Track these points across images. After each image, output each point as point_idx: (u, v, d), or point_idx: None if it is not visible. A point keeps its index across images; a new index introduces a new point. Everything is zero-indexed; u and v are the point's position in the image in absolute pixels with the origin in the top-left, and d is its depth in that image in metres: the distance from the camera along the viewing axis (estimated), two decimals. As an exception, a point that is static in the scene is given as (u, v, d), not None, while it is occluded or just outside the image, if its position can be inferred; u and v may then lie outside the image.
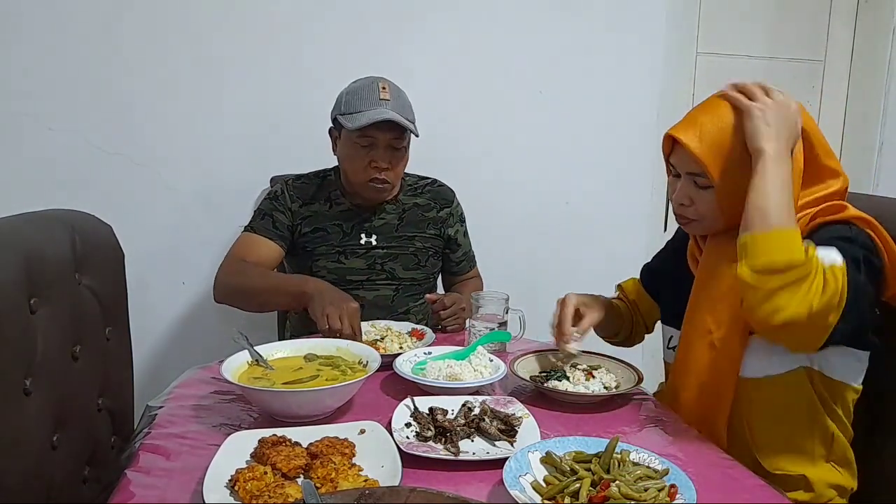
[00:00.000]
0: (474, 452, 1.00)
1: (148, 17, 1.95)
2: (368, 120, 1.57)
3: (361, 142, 1.61)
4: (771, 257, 1.01)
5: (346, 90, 1.67)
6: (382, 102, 1.60)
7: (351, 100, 1.63)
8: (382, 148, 1.62)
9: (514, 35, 2.22)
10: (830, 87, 2.57)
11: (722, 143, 1.12)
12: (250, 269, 1.62)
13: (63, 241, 1.18)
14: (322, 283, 1.52)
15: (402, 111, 1.62)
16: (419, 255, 1.76)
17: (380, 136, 1.61)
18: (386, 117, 1.57)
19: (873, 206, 1.29)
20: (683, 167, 1.18)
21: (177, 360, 2.05)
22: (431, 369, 1.25)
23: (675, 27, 2.36)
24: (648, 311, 1.48)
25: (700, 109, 1.19)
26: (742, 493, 0.94)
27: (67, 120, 1.94)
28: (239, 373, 1.17)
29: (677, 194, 1.21)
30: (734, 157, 1.12)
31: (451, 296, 1.64)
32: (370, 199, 1.71)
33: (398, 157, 1.66)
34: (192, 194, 2.06)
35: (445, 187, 1.86)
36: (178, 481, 0.92)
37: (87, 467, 1.19)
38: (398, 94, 1.65)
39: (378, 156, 1.62)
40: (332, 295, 1.45)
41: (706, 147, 1.13)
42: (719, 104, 1.15)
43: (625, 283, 1.53)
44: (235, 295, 1.63)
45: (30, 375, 0.99)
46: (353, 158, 1.64)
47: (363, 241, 1.72)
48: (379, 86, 1.62)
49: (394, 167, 1.66)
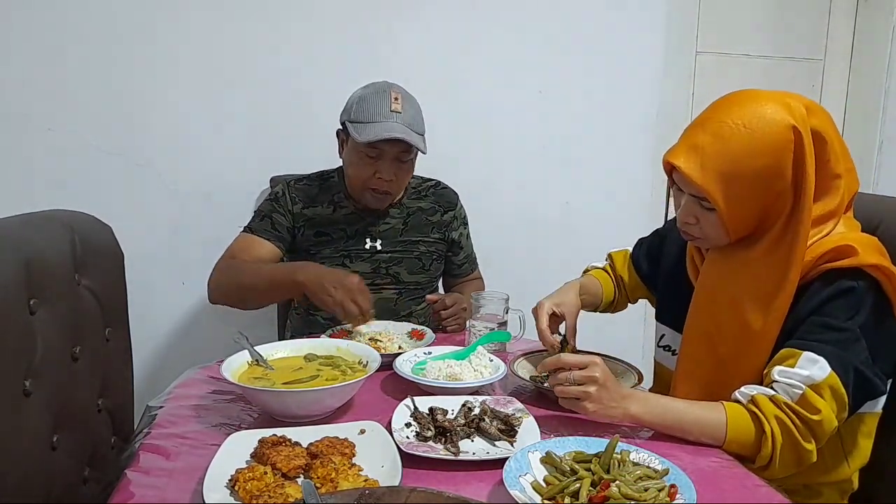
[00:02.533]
0: (474, 452, 1.00)
1: (148, 17, 1.95)
2: (377, 136, 1.54)
3: (368, 152, 1.59)
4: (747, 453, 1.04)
5: (358, 96, 1.64)
6: (393, 115, 1.57)
7: (361, 108, 1.60)
8: (388, 161, 1.60)
9: (514, 34, 2.21)
10: (830, 85, 2.57)
11: (725, 169, 1.05)
12: (242, 265, 1.60)
13: (63, 242, 1.18)
14: (313, 267, 1.49)
15: (413, 124, 1.60)
16: (423, 259, 1.76)
17: (387, 149, 1.59)
18: (395, 135, 1.54)
19: (873, 205, 1.29)
20: (686, 189, 1.12)
21: (177, 360, 2.05)
22: (431, 369, 1.25)
23: (675, 26, 2.36)
24: (633, 288, 1.49)
25: (700, 127, 1.09)
26: (742, 493, 0.93)
27: (67, 120, 1.94)
28: (239, 373, 1.17)
29: (682, 213, 1.15)
30: (739, 181, 1.06)
31: (452, 296, 1.63)
32: (370, 205, 1.70)
33: (404, 170, 1.65)
34: (192, 194, 2.06)
35: (449, 190, 1.85)
36: (178, 481, 0.92)
37: (87, 467, 1.18)
38: (410, 104, 1.62)
39: (383, 168, 1.60)
40: (330, 278, 1.43)
41: (709, 175, 1.06)
42: (722, 122, 1.06)
43: (615, 254, 1.53)
44: (230, 294, 1.60)
45: (30, 376, 0.99)
46: (357, 166, 1.63)
47: (368, 245, 1.71)
48: (391, 95, 1.59)
49: (398, 178, 1.64)
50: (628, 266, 1.50)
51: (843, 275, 1.06)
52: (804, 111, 1.07)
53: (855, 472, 1.15)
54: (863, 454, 1.15)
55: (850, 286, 1.04)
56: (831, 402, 1.01)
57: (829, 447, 1.10)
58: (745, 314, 1.12)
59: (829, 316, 1.04)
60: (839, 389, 1.00)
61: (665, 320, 1.35)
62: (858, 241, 1.07)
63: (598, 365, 1.07)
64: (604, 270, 1.53)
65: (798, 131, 1.05)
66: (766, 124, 1.05)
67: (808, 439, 1.01)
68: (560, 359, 1.09)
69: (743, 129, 1.05)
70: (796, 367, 1.02)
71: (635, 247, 1.51)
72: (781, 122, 1.05)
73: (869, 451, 1.15)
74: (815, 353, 1.01)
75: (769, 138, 1.04)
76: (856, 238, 1.09)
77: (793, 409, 1.01)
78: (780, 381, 1.03)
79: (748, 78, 2.46)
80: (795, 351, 1.04)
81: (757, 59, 2.49)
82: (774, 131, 1.04)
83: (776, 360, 1.06)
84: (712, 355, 1.17)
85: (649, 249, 1.47)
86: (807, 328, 1.06)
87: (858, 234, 1.12)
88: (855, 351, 1.03)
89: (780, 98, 1.08)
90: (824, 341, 1.03)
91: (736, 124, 1.05)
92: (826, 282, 1.07)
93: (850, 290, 1.04)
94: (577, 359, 1.08)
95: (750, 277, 1.12)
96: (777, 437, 1.00)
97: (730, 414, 1.04)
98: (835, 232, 1.11)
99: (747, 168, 1.05)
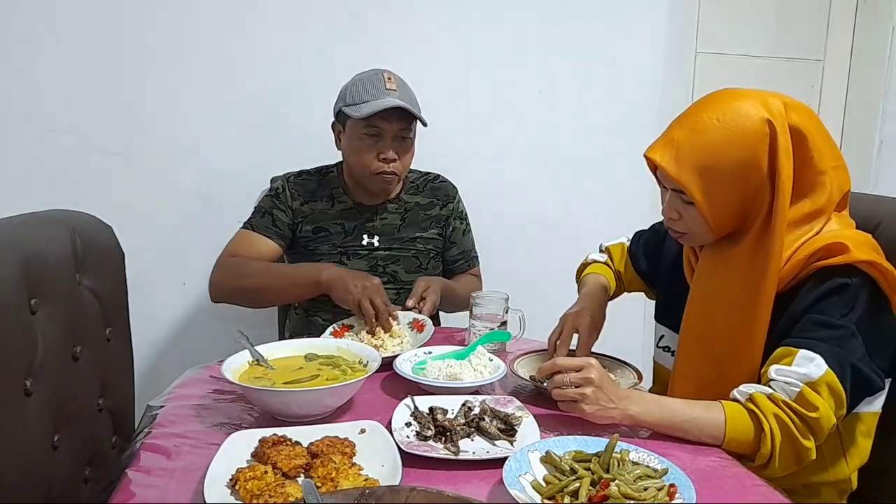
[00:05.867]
0: (474, 452, 1.00)
1: (148, 17, 1.95)
2: (375, 108, 1.54)
3: (368, 132, 1.59)
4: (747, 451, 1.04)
5: (351, 82, 1.65)
6: (389, 92, 1.57)
7: (356, 90, 1.60)
8: (390, 138, 1.60)
9: (514, 35, 2.21)
10: (830, 86, 2.57)
11: (701, 162, 1.08)
12: (250, 264, 1.61)
13: (63, 242, 1.18)
14: (335, 268, 1.53)
15: (409, 100, 1.60)
16: (420, 257, 1.76)
17: (387, 126, 1.58)
18: (394, 104, 1.54)
19: (872, 205, 1.29)
20: (666, 183, 1.15)
21: (177, 360, 2.05)
22: (431, 369, 1.25)
23: (675, 26, 2.36)
24: (630, 282, 1.51)
25: (678, 123, 1.14)
26: (742, 493, 0.94)
27: (67, 120, 1.94)
28: (239, 372, 1.17)
29: (666, 208, 1.18)
30: (714, 174, 1.08)
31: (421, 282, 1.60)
32: (376, 192, 1.69)
33: (405, 148, 1.64)
34: (192, 194, 2.06)
35: (447, 183, 1.84)
36: (179, 481, 0.92)
37: (87, 467, 1.19)
38: (403, 84, 1.63)
39: (385, 146, 1.60)
40: (352, 279, 1.46)
41: (683, 168, 1.09)
42: (697, 117, 1.10)
43: (612, 248, 1.54)
44: (235, 293, 1.61)
45: (30, 375, 0.99)
46: (359, 150, 1.61)
47: (365, 241, 1.71)
48: (384, 76, 1.60)
49: (401, 158, 1.63)
50: (626, 262, 1.51)
51: (835, 272, 1.06)
52: (782, 108, 1.08)
53: (854, 471, 1.16)
54: (862, 453, 1.15)
55: (843, 283, 1.05)
56: (829, 400, 1.01)
57: (828, 446, 1.10)
58: (735, 313, 1.13)
59: (823, 313, 1.05)
60: (836, 386, 1.01)
61: (664, 320, 1.36)
62: (850, 238, 1.07)
63: (594, 366, 1.07)
64: (605, 265, 1.53)
65: (773, 125, 1.06)
66: (741, 117, 1.07)
67: (806, 437, 1.01)
68: (556, 362, 1.09)
69: (717, 123, 1.08)
70: (793, 366, 1.02)
71: (633, 241, 1.52)
72: (756, 115, 1.07)
73: (868, 451, 1.15)
74: (812, 351, 1.02)
75: (742, 130, 1.07)
76: (848, 235, 1.09)
77: (791, 406, 1.01)
78: (778, 380, 1.03)
79: (748, 78, 2.46)
80: (791, 349, 1.04)
81: (757, 60, 2.49)
82: (748, 124, 1.07)
83: (773, 358, 1.07)
84: (708, 356, 1.18)
85: (646, 245, 1.47)
86: (802, 326, 1.06)
87: (851, 232, 1.12)
88: (851, 347, 1.03)
89: (757, 95, 1.10)
90: (820, 339, 1.03)
91: (711, 118, 1.09)
92: (819, 280, 1.07)
93: (843, 287, 1.05)
94: (572, 361, 1.09)
95: (738, 276, 1.13)
96: (776, 435, 1.01)
97: (728, 413, 1.04)
98: (827, 230, 1.11)
99: (722, 160, 1.07)
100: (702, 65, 2.45)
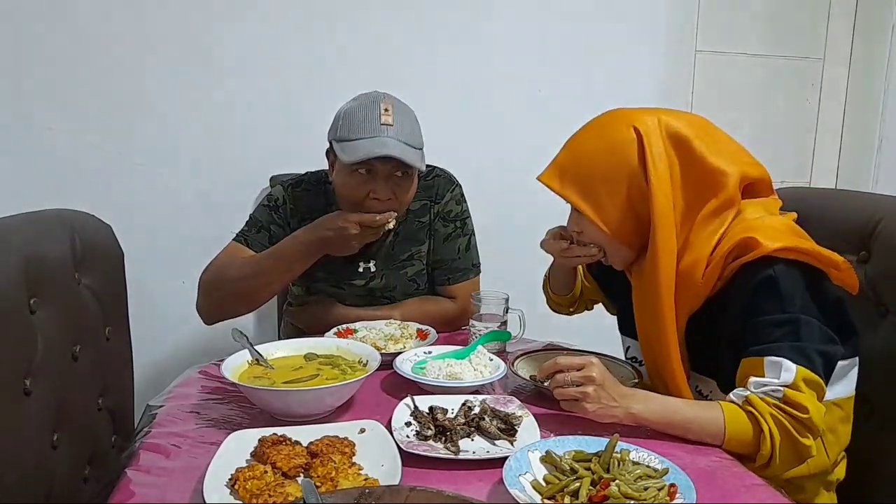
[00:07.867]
0: (474, 451, 1.00)
1: (148, 17, 1.95)
2: (365, 155, 1.37)
3: (360, 169, 1.42)
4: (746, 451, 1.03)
5: (344, 110, 1.46)
6: (384, 129, 1.39)
7: (348, 124, 1.42)
8: (382, 179, 1.43)
9: (513, 33, 2.21)
10: (830, 84, 2.57)
11: (577, 171, 1.18)
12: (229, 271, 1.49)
13: (63, 241, 1.18)
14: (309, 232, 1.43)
15: (408, 136, 1.42)
16: (418, 279, 1.64)
17: (380, 166, 1.41)
18: (384, 153, 1.37)
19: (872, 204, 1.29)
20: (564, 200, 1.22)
21: (177, 359, 2.05)
22: (431, 368, 1.25)
23: (675, 25, 2.36)
24: (589, 289, 1.53)
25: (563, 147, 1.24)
26: (742, 493, 0.93)
27: (67, 120, 1.94)
28: (239, 372, 1.17)
29: (569, 225, 1.26)
30: (592, 181, 1.16)
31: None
32: None
33: (403, 188, 1.46)
34: (192, 194, 2.06)
35: (441, 178, 1.65)
36: (179, 480, 0.92)
37: (87, 467, 1.19)
38: (403, 116, 1.44)
39: (378, 188, 1.42)
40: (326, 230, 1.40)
41: (566, 181, 1.19)
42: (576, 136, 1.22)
43: None
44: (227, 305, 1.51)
45: (30, 375, 0.99)
46: (349, 188, 1.44)
47: (361, 268, 1.60)
48: (381, 107, 1.41)
49: (398, 197, 1.45)
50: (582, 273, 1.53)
51: (756, 266, 1.07)
52: (656, 118, 1.15)
53: (835, 460, 1.16)
54: (841, 440, 1.16)
55: (767, 276, 1.05)
56: (811, 394, 1.02)
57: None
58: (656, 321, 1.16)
59: (765, 312, 1.05)
60: (812, 378, 1.02)
61: (627, 332, 1.37)
62: (762, 229, 1.08)
63: (595, 365, 1.07)
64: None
65: (639, 131, 1.13)
66: (607, 126, 1.18)
67: (804, 435, 1.01)
68: (557, 361, 1.10)
69: (589, 136, 1.20)
70: (766, 376, 1.03)
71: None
72: (622, 123, 1.16)
73: (848, 435, 1.17)
74: (775, 356, 1.02)
75: (609, 137, 1.16)
76: (759, 226, 1.09)
77: (782, 409, 1.02)
78: (758, 392, 1.03)
79: (748, 77, 2.47)
80: (755, 359, 1.05)
81: (756, 59, 2.48)
82: (614, 130, 1.16)
83: (742, 373, 1.07)
84: (655, 366, 1.21)
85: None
86: (753, 332, 1.06)
87: (768, 220, 1.12)
88: (808, 334, 1.04)
89: (633, 110, 1.18)
90: (777, 339, 1.04)
91: (586, 134, 1.21)
92: (744, 277, 1.08)
93: (769, 280, 1.05)
94: (574, 360, 1.09)
95: (651, 284, 1.16)
96: (775, 435, 1.01)
97: (727, 412, 1.04)
98: (742, 219, 1.12)
99: (595, 167, 1.17)
100: (701, 63, 2.45)
